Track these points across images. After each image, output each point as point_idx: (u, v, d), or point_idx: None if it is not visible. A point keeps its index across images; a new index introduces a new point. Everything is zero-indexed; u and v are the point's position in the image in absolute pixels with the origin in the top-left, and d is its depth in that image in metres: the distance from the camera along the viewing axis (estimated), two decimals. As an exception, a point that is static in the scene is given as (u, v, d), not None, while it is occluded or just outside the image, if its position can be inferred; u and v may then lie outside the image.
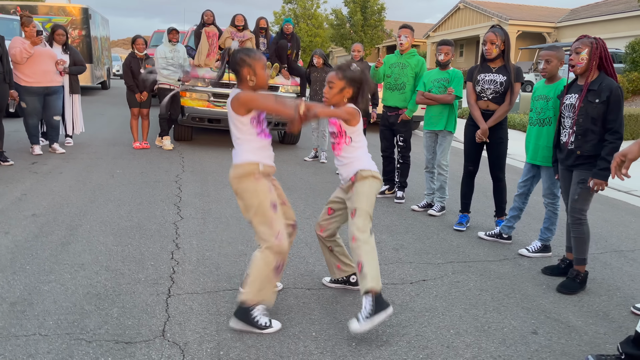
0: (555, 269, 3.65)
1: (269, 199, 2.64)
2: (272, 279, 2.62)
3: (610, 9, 24.67)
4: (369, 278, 2.59)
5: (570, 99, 3.41)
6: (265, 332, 2.60)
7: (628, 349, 2.38)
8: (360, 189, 2.79)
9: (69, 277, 3.13)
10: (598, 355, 2.51)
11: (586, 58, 3.26)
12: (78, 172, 5.86)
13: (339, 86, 2.79)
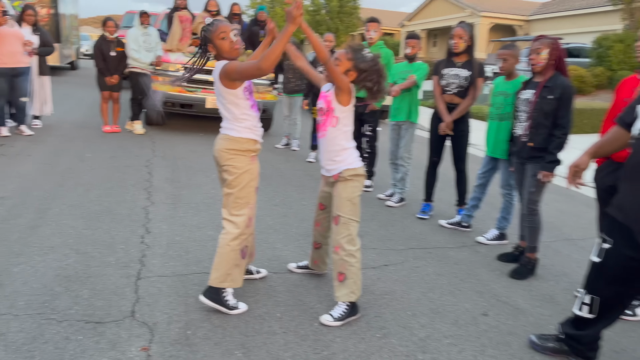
0: (509, 256, 3.87)
1: (256, 183, 2.75)
2: (240, 262, 2.73)
3: (579, 4, 25.24)
4: (349, 290, 2.75)
5: (525, 94, 3.60)
6: (233, 313, 2.72)
7: (567, 329, 2.60)
8: (342, 193, 2.82)
9: (38, 260, 3.19)
10: (539, 335, 2.72)
11: (546, 58, 3.45)
12: (47, 155, 5.83)
13: (345, 66, 2.76)
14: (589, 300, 2.43)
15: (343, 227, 2.79)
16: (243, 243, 2.73)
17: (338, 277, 2.80)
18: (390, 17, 42.22)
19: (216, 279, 2.69)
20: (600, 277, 2.39)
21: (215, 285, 2.69)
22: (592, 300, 2.42)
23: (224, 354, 2.39)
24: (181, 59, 7.72)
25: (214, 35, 2.63)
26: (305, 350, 2.48)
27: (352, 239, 2.80)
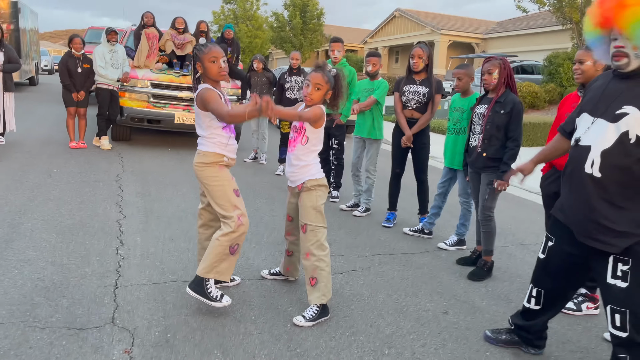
0: (467, 259, 4.15)
1: (231, 185, 2.92)
2: (228, 257, 2.88)
3: (532, 24, 26.49)
4: (320, 293, 2.94)
5: (480, 109, 3.91)
6: (215, 305, 2.87)
7: (517, 320, 2.87)
8: (307, 202, 3.00)
9: (16, 272, 3.26)
10: (493, 329, 2.99)
11: (497, 77, 3.77)
12: (13, 172, 5.82)
13: (326, 89, 2.95)
14: (535, 293, 2.70)
15: (311, 234, 2.99)
16: (234, 241, 2.87)
17: (310, 281, 2.98)
18: (353, 34, 43.09)
19: (203, 269, 2.85)
20: (544, 271, 2.65)
21: (201, 274, 2.84)
22: (538, 293, 2.69)
23: (203, 354, 2.53)
24: (149, 75, 7.83)
25: (205, 57, 2.82)
26: (280, 349, 2.65)
27: (321, 245, 2.99)
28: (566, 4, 17.61)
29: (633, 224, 2.22)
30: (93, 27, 15.97)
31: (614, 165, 2.22)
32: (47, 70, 30.16)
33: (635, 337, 2.23)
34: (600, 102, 2.32)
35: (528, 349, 2.85)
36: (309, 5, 32.06)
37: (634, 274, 2.22)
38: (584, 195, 2.32)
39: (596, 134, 2.29)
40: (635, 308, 2.22)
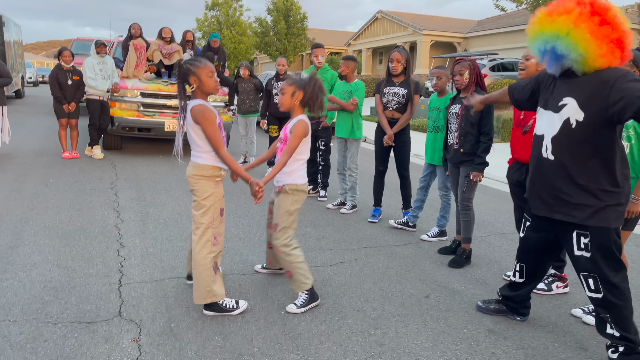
0: (448, 249, 4.42)
1: (220, 205, 3.09)
2: (214, 277, 3.02)
3: (511, 22, 27.02)
4: (300, 282, 3.16)
5: (454, 109, 4.19)
6: (236, 313, 3.06)
7: (504, 292, 3.25)
8: (282, 203, 3.21)
9: (24, 275, 3.47)
10: (483, 300, 3.38)
11: (467, 77, 4.06)
12: (10, 182, 6.00)
13: (291, 91, 3.15)
14: (519, 267, 3.10)
15: (280, 234, 3.19)
16: (213, 260, 3.03)
17: (287, 273, 3.22)
18: (337, 36, 43.45)
19: (199, 297, 2.98)
20: (524, 248, 3.05)
21: (201, 303, 2.99)
22: (521, 267, 3.09)
23: (205, 340, 2.77)
24: (138, 85, 8.03)
25: (202, 71, 2.93)
26: (275, 333, 2.90)
27: (288, 243, 3.18)
28: (542, 2, 18.06)
29: (586, 196, 2.59)
30: (79, 38, 16.10)
31: (563, 148, 2.61)
32: (31, 82, 30.11)
33: (608, 296, 2.62)
34: (549, 97, 2.71)
35: (514, 317, 3.24)
36: (292, 10, 32.35)
37: (593, 245, 2.62)
38: (544, 176, 2.72)
39: (547, 123, 2.69)
40: (601, 273, 2.62)
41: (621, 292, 2.61)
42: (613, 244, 2.60)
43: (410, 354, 2.77)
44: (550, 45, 2.50)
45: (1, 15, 16.40)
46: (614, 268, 2.61)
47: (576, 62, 2.48)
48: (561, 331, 3.14)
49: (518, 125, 3.67)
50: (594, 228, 2.60)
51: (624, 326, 2.63)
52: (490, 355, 2.81)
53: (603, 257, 2.61)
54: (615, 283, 2.61)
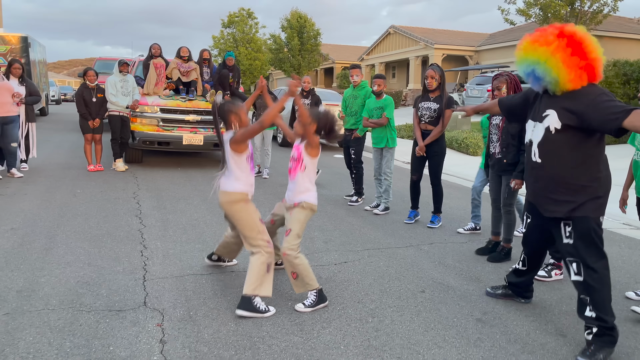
0: (484, 249, 4.82)
1: (257, 215, 3.46)
2: (266, 275, 3.37)
3: (522, 35, 27.16)
4: (304, 282, 3.45)
5: (495, 120, 4.59)
6: (266, 316, 3.32)
7: (510, 278, 3.67)
8: (298, 215, 3.54)
9: (59, 272, 3.87)
10: (492, 286, 3.84)
11: (505, 92, 4.46)
12: (41, 193, 6.47)
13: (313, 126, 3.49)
14: (522, 257, 3.55)
15: (291, 238, 3.48)
16: (266, 261, 3.39)
17: (292, 275, 3.49)
18: (350, 51, 44.05)
19: (248, 289, 3.30)
20: (526, 241, 3.47)
21: (249, 293, 3.28)
22: (524, 257, 3.52)
23: (220, 325, 3.13)
24: (158, 102, 8.52)
25: (241, 111, 3.46)
26: (282, 320, 3.24)
27: (296, 248, 3.47)
28: (551, 15, 18.35)
29: (568, 192, 2.99)
30: (101, 57, 16.81)
31: (546, 152, 3.04)
32: (54, 100, 31.10)
33: (588, 279, 2.96)
34: (536, 111, 3.15)
35: (520, 299, 3.69)
36: (306, 26, 33.02)
37: (576, 232, 3.00)
38: (535, 177, 3.15)
39: (536, 133, 3.11)
40: (582, 259, 2.98)
41: (599, 277, 2.94)
42: (593, 232, 2.96)
43: (402, 337, 3.10)
44: (531, 69, 2.95)
45: (27, 37, 17.22)
46: (594, 254, 2.96)
47: (550, 83, 2.95)
48: (544, 320, 3.44)
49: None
50: (576, 218, 2.98)
51: (601, 308, 2.94)
52: (476, 339, 3.12)
53: (584, 244, 2.97)
54: (595, 268, 2.94)
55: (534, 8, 18.86)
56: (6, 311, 3.19)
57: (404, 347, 2.98)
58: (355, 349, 2.93)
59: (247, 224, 3.40)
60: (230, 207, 3.42)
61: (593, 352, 2.89)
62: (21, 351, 2.74)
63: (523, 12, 18.95)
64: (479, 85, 20.34)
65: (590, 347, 2.92)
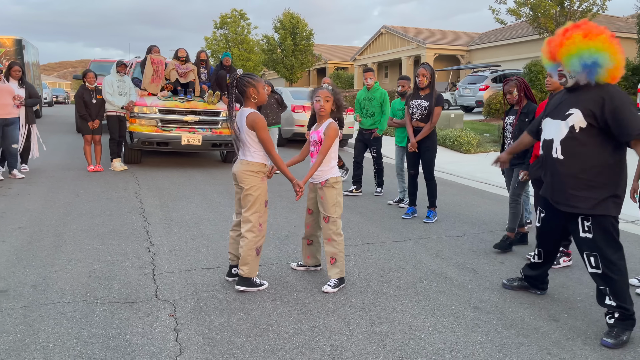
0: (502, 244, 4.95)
1: (265, 197, 3.65)
2: (254, 258, 3.61)
3: (513, 34, 27.58)
4: (339, 270, 3.75)
5: (509, 119, 4.86)
6: (262, 288, 3.68)
7: (526, 271, 3.81)
8: (329, 198, 3.75)
9: (70, 268, 4.00)
10: (508, 278, 4.00)
11: (516, 94, 4.73)
12: (44, 193, 6.58)
13: (332, 100, 3.76)
14: (537, 251, 3.68)
15: (331, 224, 3.75)
16: (257, 244, 3.61)
17: (330, 260, 3.75)
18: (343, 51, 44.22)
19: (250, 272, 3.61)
20: (540, 235, 3.61)
21: (249, 275, 3.60)
22: (539, 251, 3.66)
23: (230, 315, 3.28)
24: (156, 102, 8.64)
25: (259, 84, 3.56)
26: (289, 310, 3.40)
27: (339, 233, 3.77)
28: (541, 15, 18.62)
29: (588, 189, 3.14)
30: (96, 59, 16.86)
31: (569, 149, 3.18)
32: (47, 103, 31.00)
33: (606, 271, 3.11)
34: (557, 109, 3.30)
35: (535, 291, 3.82)
36: (299, 27, 33.17)
37: (595, 227, 3.15)
38: (555, 173, 3.28)
39: (556, 130, 3.26)
40: (600, 252, 3.13)
41: (618, 268, 3.11)
42: (611, 227, 3.13)
43: (404, 324, 3.26)
44: (594, 58, 3.04)
45: (21, 39, 17.25)
46: (612, 247, 3.12)
47: (608, 71, 3.03)
48: (537, 307, 3.61)
49: None
50: (595, 215, 3.13)
51: (621, 297, 3.12)
52: (474, 325, 3.29)
53: (603, 239, 3.12)
54: (613, 260, 3.10)
55: (524, 8, 19.13)
56: (23, 304, 3.32)
57: (405, 332, 3.14)
58: (360, 334, 3.09)
59: (253, 201, 3.58)
60: (246, 177, 3.56)
61: (617, 334, 3.08)
62: (42, 340, 2.87)
63: (513, 12, 19.21)
64: (471, 85, 20.59)
65: (614, 330, 3.11)
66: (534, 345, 3.05)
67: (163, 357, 2.73)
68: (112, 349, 2.80)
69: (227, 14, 37.83)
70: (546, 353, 2.95)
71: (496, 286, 3.97)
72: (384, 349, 2.93)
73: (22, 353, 2.73)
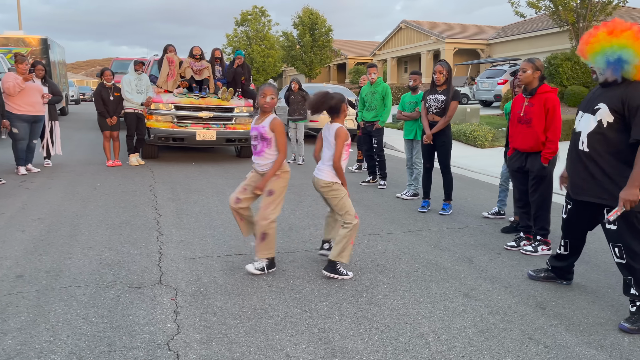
0: (510, 227, 5.27)
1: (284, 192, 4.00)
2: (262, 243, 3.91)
3: (534, 27, 27.21)
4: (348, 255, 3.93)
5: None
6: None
7: (552, 262, 3.91)
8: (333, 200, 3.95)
9: (83, 255, 4.25)
10: (534, 269, 4.07)
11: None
12: (64, 187, 6.89)
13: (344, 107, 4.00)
14: (563, 242, 3.78)
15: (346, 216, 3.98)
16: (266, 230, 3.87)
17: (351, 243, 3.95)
18: (362, 47, 44.16)
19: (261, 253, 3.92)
20: (566, 226, 3.72)
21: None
22: (565, 242, 3.77)
23: (228, 299, 3.47)
24: (172, 99, 8.91)
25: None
26: (284, 295, 3.57)
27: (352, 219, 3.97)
28: (561, 7, 18.36)
29: (613, 182, 3.25)
30: (118, 58, 17.32)
31: (595, 143, 3.31)
32: (74, 100, 31.83)
33: (630, 262, 3.22)
34: (588, 103, 3.43)
35: (561, 282, 3.92)
36: (318, 23, 33.28)
37: (619, 219, 3.25)
38: (581, 165, 3.41)
39: (584, 123, 3.40)
40: (624, 243, 3.22)
41: None
42: (635, 219, 3.22)
43: (393, 309, 3.40)
44: (618, 54, 3.13)
45: (47, 39, 17.80)
46: (637, 239, 3.22)
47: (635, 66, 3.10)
48: (526, 295, 3.71)
49: (519, 120, 4.52)
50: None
51: None
52: (461, 311, 3.41)
53: (627, 231, 3.23)
54: (637, 251, 3.21)
55: (544, 0, 18.88)
56: (37, 288, 3.57)
57: (393, 317, 3.29)
58: (348, 318, 3.25)
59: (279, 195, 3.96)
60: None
61: (636, 320, 3.20)
62: (52, 320, 3.11)
63: (533, 5, 18.97)
64: (489, 79, 20.45)
65: (634, 316, 3.23)
66: (516, 330, 3.16)
67: (161, 336, 2.94)
68: (115, 328, 3.02)
69: (248, 10, 38.21)
70: (527, 338, 3.07)
71: (489, 276, 4.07)
72: (370, 331, 3.08)
73: (32, 331, 2.96)
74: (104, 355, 2.73)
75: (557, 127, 4.37)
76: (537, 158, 4.46)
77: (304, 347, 2.88)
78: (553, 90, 4.40)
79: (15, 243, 4.52)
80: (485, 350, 2.91)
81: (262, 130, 3.93)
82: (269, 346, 2.88)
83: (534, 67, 4.36)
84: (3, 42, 17.28)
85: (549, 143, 4.39)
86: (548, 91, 4.38)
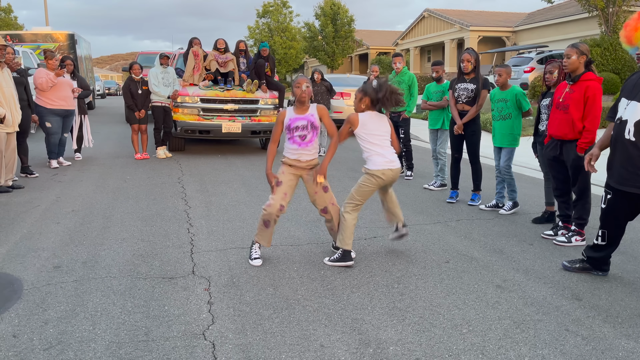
0: (541, 218, 5.21)
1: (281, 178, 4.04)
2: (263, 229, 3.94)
3: (561, 12, 26.55)
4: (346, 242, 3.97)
5: (545, 102, 4.97)
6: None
7: (588, 253, 3.85)
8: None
9: (117, 247, 4.33)
10: (569, 260, 4.00)
11: (556, 76, 4.83)
12: (95, 180, 7.02)
13: (359, 97, 4.02)
14: (601, 233, 3.73)
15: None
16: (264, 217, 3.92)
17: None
18: (384, 36, 43.76)
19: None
20: (605, 216, 3.66)
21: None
22: (603, 233, 3.71)
23: (260, 290, 3.50)
24: (198, 92, 8.98)
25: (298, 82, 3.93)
26: (315, 286, 3.59)
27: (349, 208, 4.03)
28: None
29: None
30: (143, 52, 17.51)
31: None
32: (100, 95, 32.36)
33: None
34: (634, 90, 3.34)
35: (597, 272, 3.84)
36: (339, 13, 33.09)
37: None
38: (626, 154, 3.36)
39: (631, 111, 3.32)
40: None
41: None
42: None
43: (425, 300, 3.38)
44: None
45: (74, 34, 18.11)
46: None
47: None
48: (561, 286, 3.65)
49: (558, 106, 4.45)
50: None
51: None
52: (494, 303, 3.38)
53: None
54: None
55: (573, -15, 18.38)
56: (75, 278, 3.66)
57: (426, 308, 3.27)
58: (381, 309, 3.24)
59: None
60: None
61: None
62: (90, 310, 3.18)
63: (561, -10, 18.49)
64: (515, 67, 20.04)
65: None
66: (552, 322, 3.11)
67: (197, 326, 2.98)
68: (152, 318, 3.07)
69: (270, 2, 38.21)
70: (564, 329, 3.02)
71: (522, 267, 4.02)
72: (403, 322, 3.07)
73: (72, 320, 3.04)
74: (142, 344, 2.78)
75: (595, 116, 4.25)
76: (573, 147, 4.36)
77: (337, 337, 2.89)
78: (597, 79, 4.27)
79: (51, 235, 4.63)
80: (521, 342, 2.88)
81: (311, 118, 3.93)
82: (303, 336, 2.90)
83: (579, 52, 4.23)
84: (31, 38, 17.66)
85: (586, 132, 4.28)
86: (591, 79, 4.26)
